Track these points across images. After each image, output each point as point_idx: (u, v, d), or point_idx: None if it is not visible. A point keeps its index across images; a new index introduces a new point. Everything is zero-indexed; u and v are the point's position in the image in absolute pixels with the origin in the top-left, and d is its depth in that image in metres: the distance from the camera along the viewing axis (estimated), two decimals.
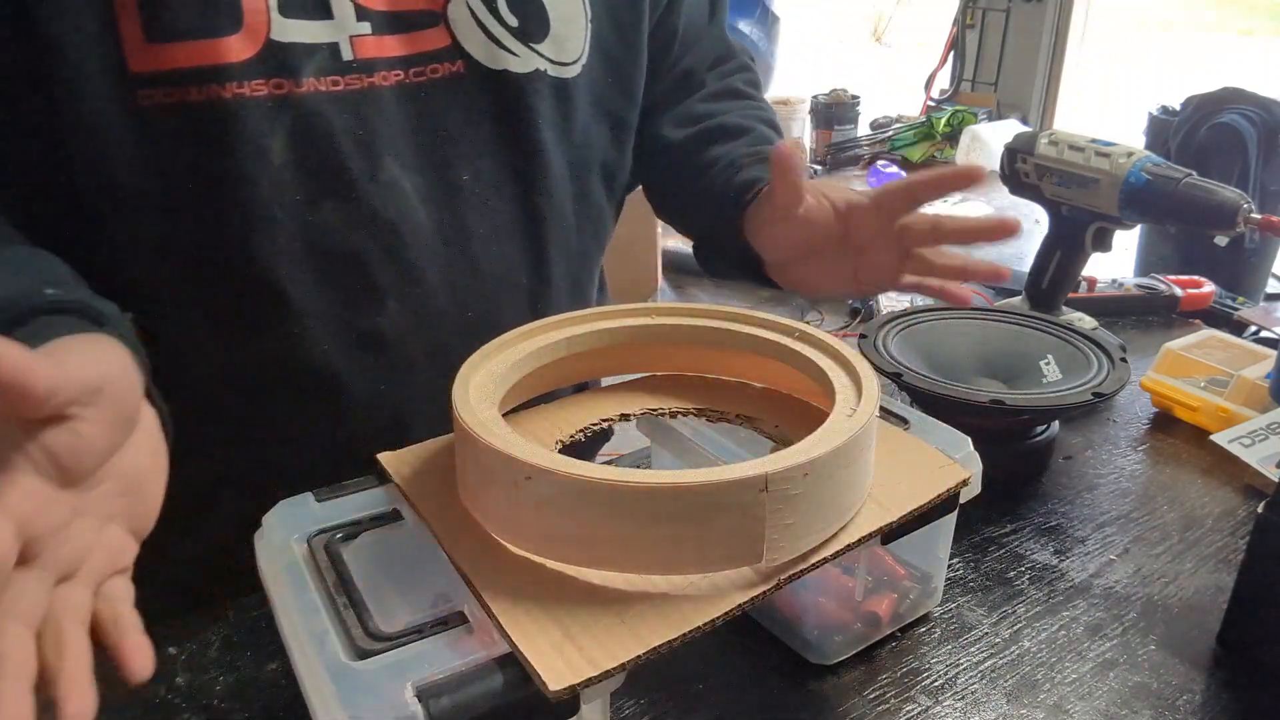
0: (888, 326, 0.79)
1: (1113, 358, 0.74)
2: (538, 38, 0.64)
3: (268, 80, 0.55)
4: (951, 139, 4.72)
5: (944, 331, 0.81)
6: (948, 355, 0.79)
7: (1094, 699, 0.54)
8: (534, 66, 0.64)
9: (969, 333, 0.81)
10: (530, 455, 0.43)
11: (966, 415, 0.68)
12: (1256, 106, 2.79)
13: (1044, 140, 0.88)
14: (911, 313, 0.81)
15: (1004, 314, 0.82)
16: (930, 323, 0.81)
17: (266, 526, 0.49)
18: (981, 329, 0.81)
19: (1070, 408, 0.70)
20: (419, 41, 0.60)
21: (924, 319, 0.81)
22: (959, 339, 0.80)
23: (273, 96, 0.56)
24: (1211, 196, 0.77)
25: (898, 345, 0.77)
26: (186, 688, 0.52)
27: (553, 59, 0.65)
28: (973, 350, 0.80)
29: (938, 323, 0.81)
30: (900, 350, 0.76)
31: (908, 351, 0.76)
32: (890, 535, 0.48)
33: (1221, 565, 0.66)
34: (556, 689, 0.37)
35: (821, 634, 0.56)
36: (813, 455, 0.43)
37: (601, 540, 0.43)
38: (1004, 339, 0.80)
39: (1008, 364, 0.79)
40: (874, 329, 0.78)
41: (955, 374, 0.76)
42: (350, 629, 0.41)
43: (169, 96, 0.54)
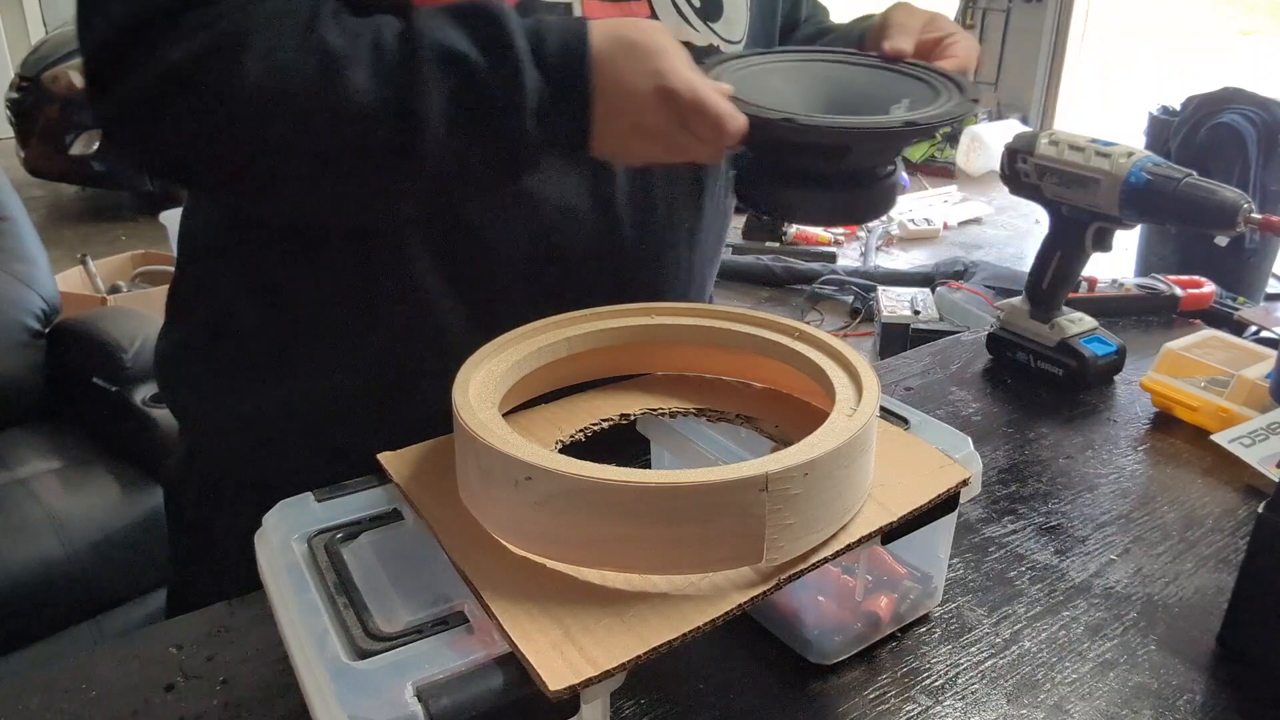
0: (726, 64, 0.67)
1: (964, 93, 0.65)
2: (714, 17, 0.73)
3: None
4: (951, 139, 4.72)
5: (792, 73, 0.70)
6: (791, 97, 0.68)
7: (1094, 699, 0.54)
8: (709, 42, 0.72)
9: (821, 75, 0.72)
10: (530, 455, 0.43)
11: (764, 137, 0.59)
12: (1256, 106, 2.79)
13: (1044, 140, 0.88)
14: (757, 53, 0.71)
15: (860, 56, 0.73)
16: (776, 64, 0.70)
17: (266, 526, 0.49)
18: (837, 71, 0.72)
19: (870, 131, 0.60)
20: (629, 9, 0.69)
21: (770, 61, 0.70)
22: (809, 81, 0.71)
23: None
24: (1211, 196, 0.77)
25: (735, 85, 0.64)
26: (186, 688, 0.52)
27: (724, 37, 0.74)
28: (822, 93, 0.70)
29: (784, 64, 0.71)
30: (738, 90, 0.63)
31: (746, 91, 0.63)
32: (890, 535, 0.48)
33: (1221, 565, 0.66)
34: (557, 689, 0.37)
35: (821, 634, 0.56)
36: (813, 455, 0.43)
37: (601, 540, 0.43)
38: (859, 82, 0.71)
39: (856, 107, 0.68)
40: (711, 65, 0.66)
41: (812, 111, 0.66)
42: (350, 629, 0.41)
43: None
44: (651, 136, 0.57)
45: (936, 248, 3.84)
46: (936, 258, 3.56)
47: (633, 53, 0.56)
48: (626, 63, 0.56)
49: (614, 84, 0.56)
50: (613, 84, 0.56)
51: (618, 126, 0.58)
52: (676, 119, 0.56)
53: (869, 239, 3.80)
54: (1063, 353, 0.91)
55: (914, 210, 4.09)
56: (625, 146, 0.59)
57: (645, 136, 0.58)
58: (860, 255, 3.71)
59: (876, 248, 3.76)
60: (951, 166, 4.69)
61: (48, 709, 0.51)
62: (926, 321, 2.72)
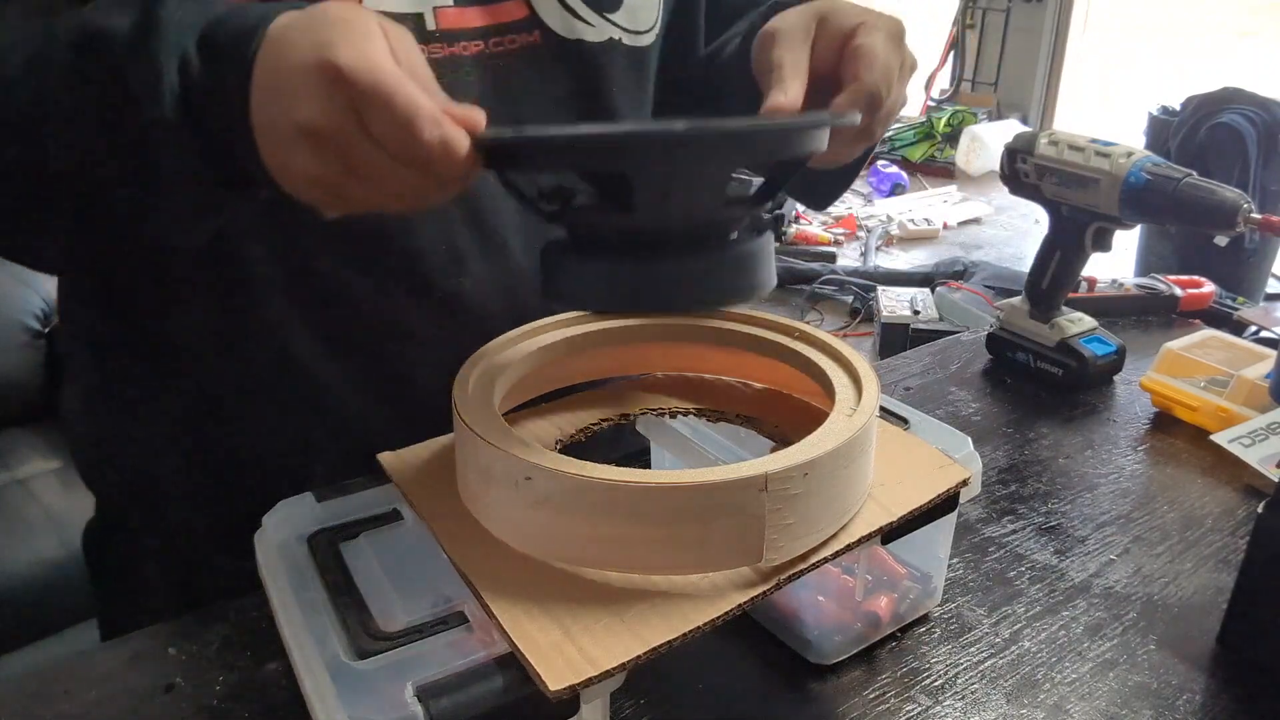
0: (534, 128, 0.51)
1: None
2: (611, 7, 0.65)
3: None
4: (951, 139, 4.72)
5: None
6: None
7: (1094, 699, 0.54)
8: (608, 35, 0.66)
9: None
10: (530, 455, 0.43)
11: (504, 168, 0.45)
12: (1256, 106, 2.79)
13: (1044, 140, 0.88)
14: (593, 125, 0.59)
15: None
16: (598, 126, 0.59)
17: (267, 526, 0.49)
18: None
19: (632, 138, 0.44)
20: (498, 13, 0.62)
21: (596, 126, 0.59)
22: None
23: None
24: (1211, 196, 0.77)
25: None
26: (186, 688, 0.52)
27: (627, 28, 0.67)
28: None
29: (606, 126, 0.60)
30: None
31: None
32: (890, 535, 0.48)
33: (1221, 565, 0.66)
34: (557, 689, 0.37)
35: (821, 634, 0.56)
36: (812, 455, 0.43)
37: (601, 540, 0.43)
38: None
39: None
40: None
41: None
42: (350, 629, 0.41)
43: None
44: (321, 142, 0.40)
45: (936, 248, 3.84)
46: (936, 258, 3.56)
47: (309, 24, 0.41)
48: (296, 35, 0.41)
49: (274, 61, 0.41)
50: (273, 61, 0.41)
51: (277, 125, 0.42)
52: (350, 115, 0.40)
53: (869, 239, 3.80)
54: (1063, 353, 0.91)
55: (914, 210, 4.09)
56: (291, 161, 0.42)
57: (315, 144, 0.41)
58: (860, 255, 3.71)
59: (876, 248, 3.76)
60: (951, 166, 4.69)
61: (48, 709, 0.51)
62: (926, 321, 2.72)
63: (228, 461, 0.66)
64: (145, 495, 0.70)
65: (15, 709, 0.51)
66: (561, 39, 0.65)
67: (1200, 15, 5.72)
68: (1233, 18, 5.58)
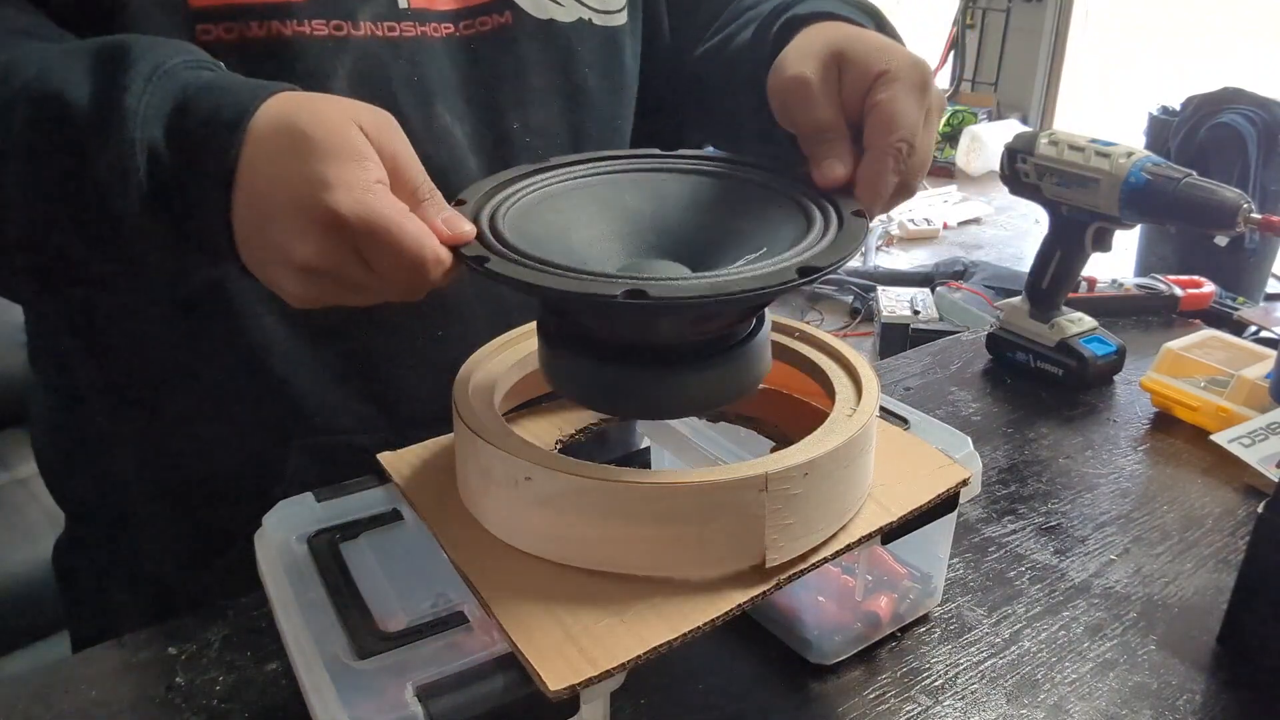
0: (509, 189, 0.49)
1: (842, 217, 0.46)
2: None
3: (327, 21, 0.56)
4: (951, 139, 4.72)
5: (604, 193, 0.50)
6: (586, 232, 0.49)
7: (1094, 699, 0.54)
8: (578, 15, 0.66)
9: (650, 192, 0.51)
10: (530, 455, 0.43)
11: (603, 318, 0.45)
12: (1256, 106, 2.79)
13: (1044, 140, 0.88)
14: (561, 164, 0.51)
15: (710, 160, 0.53)
16: (583, 179, 0.51)
17: (266, 526, 0.49)
18: (672, 186, 0.51)
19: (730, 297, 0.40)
20: None
21: (576, 175, 0.51)
22: (628, 203, 0.50)
23: (332, 37, 0.57)
24: (1211, 196, 0.77)
25: (517, 215, 0.47)
26: (186, 688, 0.52)
27: (597, 8, 0.67)
28: (642, 223, 0.50)
29: (594, 179, 0.51)
30: (519, 229, 0.45)
31: (528, 223, 0.46)
32: (890, 535, 0.48)
33: (1221, 565, 0.66)
34: (557, 689, 0.37)
35: (821, 634, 0.56)
36: (812, 455, 0.43)
37: (601, 540, 0.43)
38: (701, 202, 0.51)
39: (698, 237, 0.49)
40: (485, 189, 0.48)
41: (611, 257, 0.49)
42: (350, 629, 0.41)
43: (229, 32, 0.54)
44: (317, 274, 0.41)
45: (936, 248, 3.84)
46: (936, 258, 3.56)
47: (293, 145, 0.40)
48: (282, 161, 0.40)
49: (260, 186, 0.41)
50: (259, 186, 0.41)
51: (268, 255, 0.42)
52: (350, 252, 0.40)
53: (869, 239, 3.80)
54: (1063, 353, 0.90)
55: (914, 210, 4.09)
56: (281, 282, 0.42)
57: (310, 275, 0.41)
58: (860, 255, 3.72)
59: (876, 248, 3.77)
60: (951, 166, 4.69)
61: (48, 709, 0.51)
62: (926, 321, 2.72)
63: (194, 478, 0.66)
64: (112, 511, 0.70)
65: (15, 709, 0.51)
66: (533, 19, 0.64)
67: (1200, 15, 5.72)
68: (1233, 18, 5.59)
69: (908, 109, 0.47)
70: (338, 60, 0.57)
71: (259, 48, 0.55)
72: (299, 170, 0.40)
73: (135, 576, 0.70)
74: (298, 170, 0.40)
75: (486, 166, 0.64)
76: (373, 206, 0.39)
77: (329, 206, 0.39)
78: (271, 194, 0.40)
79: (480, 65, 0.63)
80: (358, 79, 0.58)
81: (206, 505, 0.66)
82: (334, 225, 0.39)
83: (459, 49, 0.62)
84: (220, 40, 0.54)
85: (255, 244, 0.42)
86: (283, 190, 0.40)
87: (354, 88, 0.58)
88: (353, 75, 0.58)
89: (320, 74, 0.56)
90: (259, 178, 0.41)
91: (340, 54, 0.57)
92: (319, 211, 0.39)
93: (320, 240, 0.40)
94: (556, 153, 0.64)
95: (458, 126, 0.63)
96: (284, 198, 0.40)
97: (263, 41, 0.55)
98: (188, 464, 0.66)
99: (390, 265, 0.40)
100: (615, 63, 0.69)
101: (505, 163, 0.65)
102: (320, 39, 0.56)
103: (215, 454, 0.65)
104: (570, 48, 0.66)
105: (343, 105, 0.42)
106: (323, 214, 0.39)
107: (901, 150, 0.47)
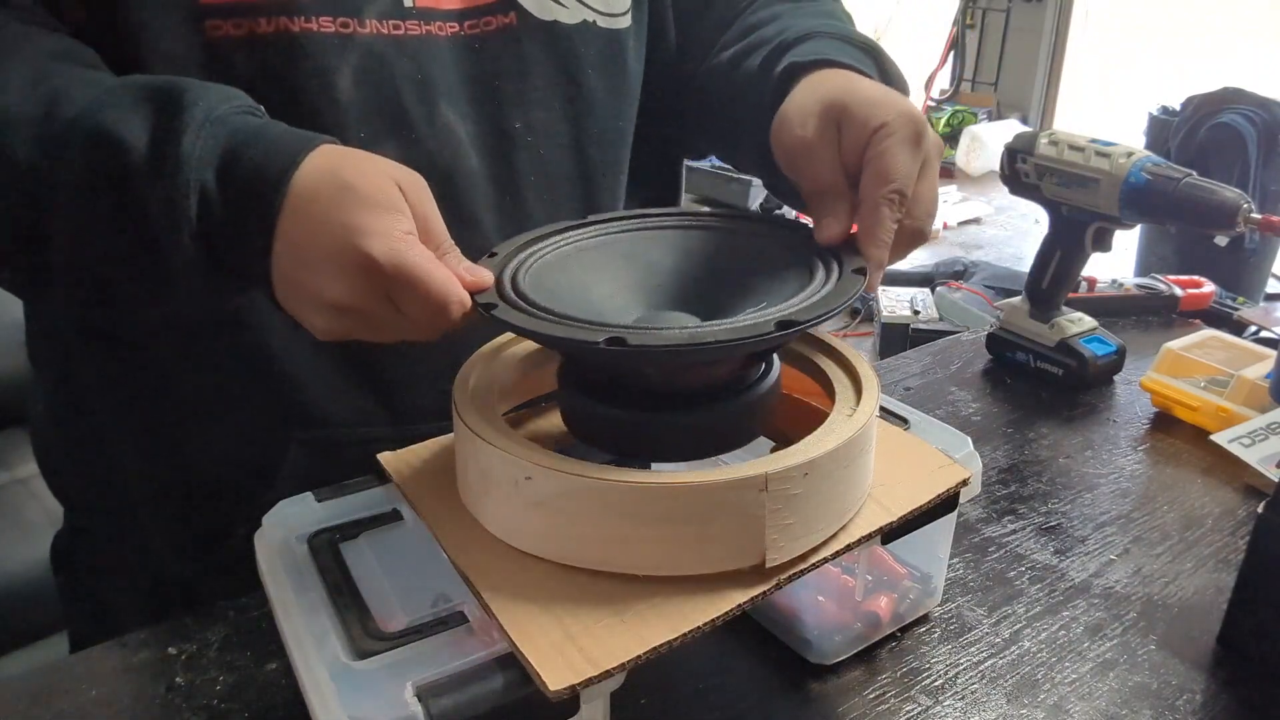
0: (532, 248, 0.52)
1: (841, 273, 0.49)
2: None
3: (334, 18, 0.57)
4: (951, 139, 4.72)
5: (623, 248, 0.54)
6: (605, 287, 0.52)
7: (1094, 699, 0.54)
8: (582, 17, 0.66)
9: (667, 246, 0.54)
10: (530, 455, 0.43)
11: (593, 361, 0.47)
12: (1256, 106, 2.79)
13: (1044, 140, 0.88)
14: (580, 224, 0.55)
15: (722, 217, 0.56)
16: (601, 237, 0.54)
17: (266, 526, 0.49)
18: (690, 242, 0.55)
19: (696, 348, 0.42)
20: None
21: (595, 233, 0.54)
22: (646, 259, 0.54)
23: (339, 34, 0.57)
24: (1211, 196, 0.77)
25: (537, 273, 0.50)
26: (186, 688, 0.52)
27: (601, 10, 0.67)
28: (659, 279, 0.53)
29: (609, 237, 0.54)
30: (537, 284, 0.48)
31: (548, 280, 0.50)
32: (890, 535, 0.48)
33: (1221, 565, 0.66)
34: (557, 689, 0.37)
35: (821, 634, 0.56)
36: (812, 455, 0.43)
37: (601, 540, 0.43)
38: (717, 256, 0.54)
39: (713, 290, 0.52)
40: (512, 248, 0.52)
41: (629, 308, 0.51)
42: (350, 629, 0.41)
43: (238, 28, 0.55)
44: (345, 312, 0.44)
45: (936, 248, 3.84)
46: (936, 258, 3.56)
47: (334, 195, 0.44)
48: (323, 207, 0.44)
49: (301, 233, 0.44)
50: (300, 233, 0.44)
51: (303, 292, 0.45)
52: (380, 295, 0.44)
53: None
54: (1063, 353, 0.91)
55: None
56: (311, 318, 0.46)
57: (339, 312, 0.44)
58: None
59: None
60: (951, 166, 4.69)
61: (48, 709, 0.51)
62: (926, 321, 2.72)
63: (193, 472, 0.66)
64: (111, 506, 0.70)
65: (15, 709, 0.51)
66: (537, 20, 0.65)
67: (1200, 15, 5.72)
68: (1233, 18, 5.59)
69: (902, 162, 0.49)
70: (343, 57, 0.58)
71: (267, 43, 0.56)
72: (339, 218, 0.43)
73: (134, 572, 0.71)
74: (338, 218, 0.43)
75: (488, 165, 0.64)
76: (405, 253, 0.43)
77: (365, 251, 0.42)
78: (312, 238, 0.44)
79: (484, 65, 0.64)
80: (362, 75, 0.59)
81: (206, 500, 0.66)
82: (368, 269, 0.43)
83: (463, 48, 0.63)
84: (229, 36, 0.55)
85: (290, 281, 0.45)
86: (324, 235, 0.43)
87: (358, 84, 0.58)
88: (358, 72, 0.58)
89: (326, 70, 0.57)
90: (301, 223, 0.44)
91: (346, 51, 0.58)
92: (356, 255, 0.42)
93: (354, 281, 0.43)
94: (558, 153, 0.66)
95: (460, 125, 0.63)
96: (323, 241, 0.43)
97: (271, 37, 0.55)
98: (187, 458, 0.66)
99: (417, 307, 0.43)
100: (618, 65, 0.69)
101: (507, 162, 0.65)
102: (327, 35, 0.57)
103: (215, 448, 0.65)
104: (574, 49, 0.66)
105: (382, 163, 0.46)
106: (359, 258, 0.42)
107: (894, 200, 0.49)
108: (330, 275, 0.43)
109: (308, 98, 0.57)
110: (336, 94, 0.58)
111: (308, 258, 0.44)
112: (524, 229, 0.65)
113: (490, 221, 0.65)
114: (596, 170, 0.69)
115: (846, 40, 0.63)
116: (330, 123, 0.58)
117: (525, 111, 0.65)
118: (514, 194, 0.66)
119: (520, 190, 0.66)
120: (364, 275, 0.43)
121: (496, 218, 0.65)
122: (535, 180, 0.66)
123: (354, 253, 0.42)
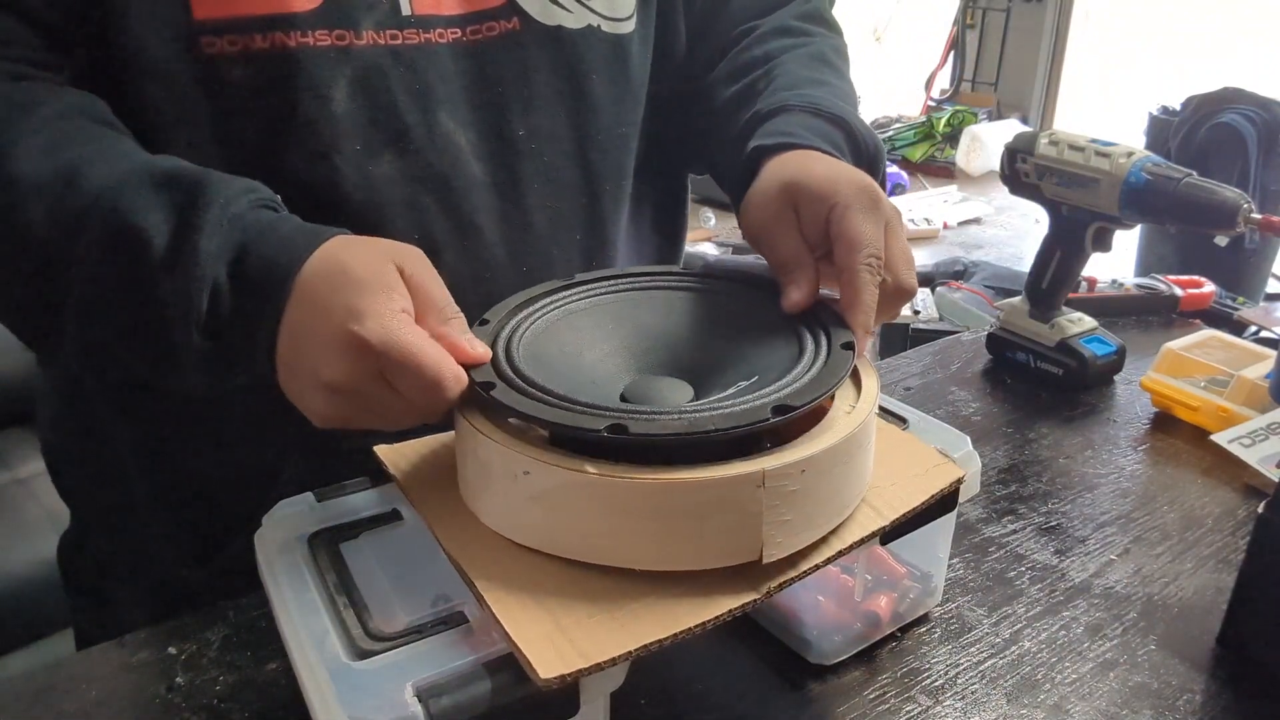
0: (524, 311, 0.53)
1: (830, 349, 0.50)
2: None
3: (330, 31, 0.57)
4: (951, 139, 4.72)
5: (616, 312, 0.54)
6: (598, 350, 0.53)
7: (1094, 699, 0.54)
8: (586, 22, 0.66)
9: (663, 307, 0.55)
10: (529, 449, 0.43)
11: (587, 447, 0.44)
12: (1256, 106, 2.79)
13: (1044, 140, 0.88)
14: (569, 286, 0.55)
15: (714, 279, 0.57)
16: (594, 298, 0.55)
17: (266, 526, 0.49)
18: (685, 304, 0.56)
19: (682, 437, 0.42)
20: (476, 0, 0.62)
21: (587, 295, 0.55)
22: (641, 321, 0.54)
23: (335, 47, 0.57)
24: (1211, 196, 0.77)
25: (533, 337, 0.51)
26: (186, 688, 0.52)
27: (605, 15, 0.67)
28: (652, 341, 0.54)
29: (604, 298, 0.55)
30: (531, 354, 0.49)
31: (542, 344, 0.51)
32: (889, 535, 0.48)
33: (1221, 565, 0.66)
34: (547, 677, 0.37)
35: (821, 634, 0.56)
36: (810, 452, 0.43)
37: (598, 535, 0.43)
38: (711, 318, 0.55)
39: (700, 357, 0.53)
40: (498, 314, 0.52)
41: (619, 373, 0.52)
42: (350, 629, 0.41)
43: (232, 45, 0.55)
44: (341, 393, 0.45)
45: (936, 248, 3.84)
46: (936, 258, 3.56)
47: (335, 284, 0.45)
48: (324, 297, 0.45)
49: (304, 321, 0.45)
50: (303, 321, 0.45)
51: (301, 375, 0.46)
52: (375, 377, 0.44)
53: None
54: (1063, 353, 0.91)
55: (914, 210, 4.09)
56: (308, 401, 0.47)
57: (335, 394, 0.45)
58: None
59: None
60: (951, 166, 4.69)
61: (48, 709, 0.51)
62: (926, 321, 2.72)
63: (197, 473, 0.66)
64: (117, 508, 0.70)
65: (15, 709, 0.51)
66: (540, 25, 0.64)
67: (1200, 15, 5.72)
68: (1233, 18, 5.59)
69: (865, 228, 0.52)
70: (339, 70, 0.57)
71: (262, 59, 0.55)
72: (335, 301, 0.44)
73: (139, 573, 0.71)
74: (334, 302, 0.44)
75: (490, 172, 0.64)
76: (395, 331, 0.43)
77: (356, 333, 0.43)
78: (310, 324, 0.45)
79: (486, 71, 0.63)
80: (358, 88, 0.58)
81: (209, 500, 0.66)
82: (361, 349, 0.43)
83: (464, 55, 0.62)
84: (224, 53, 0.54)
85: (289, 366, 0.47)
86: (320, 319, 0.45)
87: (354, 96, 0.58)
88: (353, 84, 0.58)
89: (321, 84, 0.57)
90: (303, 312, 0.46)
91: (341, 64, 0.57)
92: (348, 336, 0.43)
93: (347, 363, 0.44)
94: (561, 158, 0.66)
95: (461, 133, 0.62)
96: (320, 326, 0.44)
97: (266, 53, 0.55)
98: (190, 462, 0.66)
99: (411, 385, 0.44)
100: (622, 70, 0.69)
101: (509, 169, 0.65)
102: (323, 49, 0.56)
103: (217, 453, 0.65)
104: (578, 54, 0.66)
105: (382, 245, 0.47)
106: (352, 339, 0.43)
107: (872, 265, 0.51)
108: (325, 358, 0.44)
109: (303, 111, 0.57)
110: (332, 107, 0.57)
111: (305, 344, 0.45)
112: (527, 235, 0.65)
113: (493, 229, 0.64)
114: (600, 176, 0.69)
115: (816, 113, 0.64)
116: (326, 136, 0.57)
117: (528, 117, 0.65)
118: (517, 201, 0.65)
119: (523, 197, 0.66)
120: (357, 355, 0.43)
121: (499, 225, 0.65)
122: (538, 187, 0.66)
123: (347, 334, 0.43)
